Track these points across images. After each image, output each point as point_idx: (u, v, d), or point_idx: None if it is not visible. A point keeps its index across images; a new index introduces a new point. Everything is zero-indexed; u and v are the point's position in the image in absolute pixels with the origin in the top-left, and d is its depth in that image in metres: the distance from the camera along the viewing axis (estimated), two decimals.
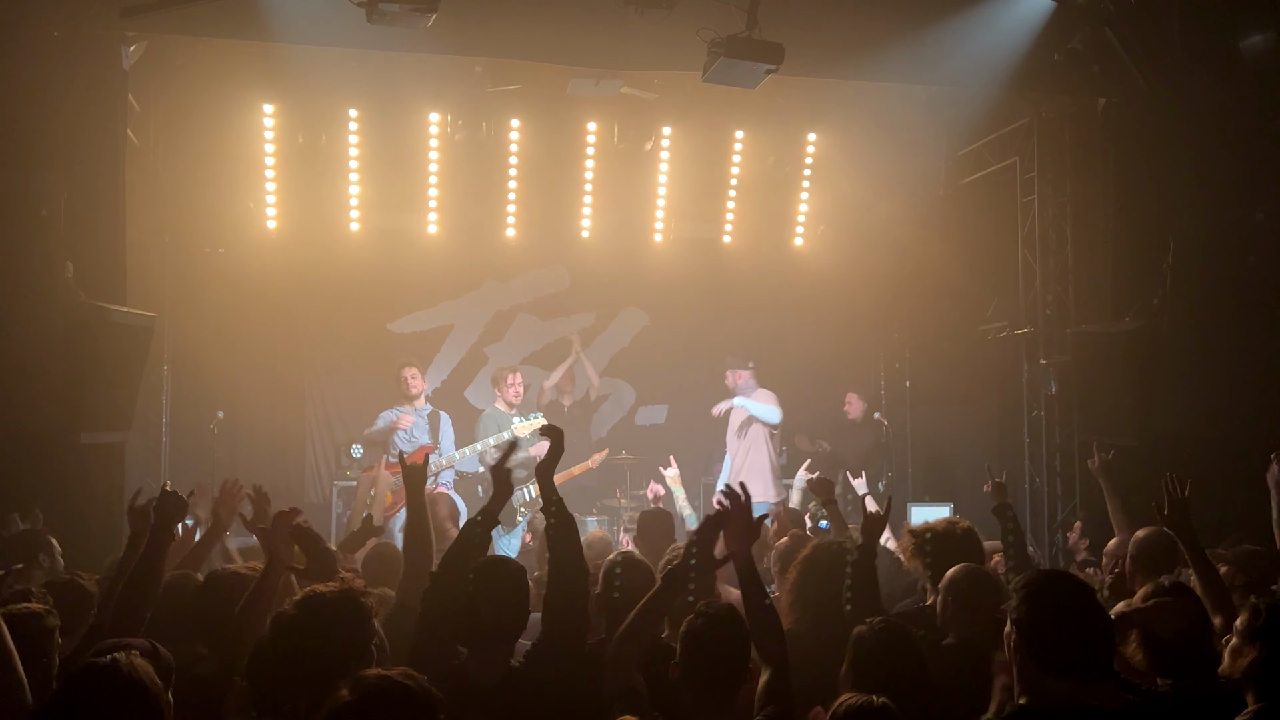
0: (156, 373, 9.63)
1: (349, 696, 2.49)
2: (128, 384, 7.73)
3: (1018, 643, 3.01)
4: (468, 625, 3.56)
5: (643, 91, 10.10)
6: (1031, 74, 8.72)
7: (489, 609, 3.57)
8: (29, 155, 7.07)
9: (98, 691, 2.71)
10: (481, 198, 10.99)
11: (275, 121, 10.11)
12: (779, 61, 7.44)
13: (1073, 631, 2.96)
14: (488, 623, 3.56)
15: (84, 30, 7.35)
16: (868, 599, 4.30)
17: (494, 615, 3.57)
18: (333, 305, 11.18)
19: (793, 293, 11.82)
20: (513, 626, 3.66)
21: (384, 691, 2.50)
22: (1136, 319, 8.64)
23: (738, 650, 3.39)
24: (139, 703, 2.72)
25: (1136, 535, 5.13)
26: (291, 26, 7.65)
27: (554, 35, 8.24)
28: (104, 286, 7.41)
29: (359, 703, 2.47)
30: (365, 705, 2.47)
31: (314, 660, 3.00)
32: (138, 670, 2.76)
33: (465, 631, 3.58)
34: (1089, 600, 3.06)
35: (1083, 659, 2.95)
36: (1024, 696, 2.98)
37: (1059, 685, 2.93)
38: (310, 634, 3.07)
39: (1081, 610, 3.01)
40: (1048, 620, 2.96)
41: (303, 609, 3.14)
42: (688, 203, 11.51)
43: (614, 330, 12.23)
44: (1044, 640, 2.95)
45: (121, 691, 2.71)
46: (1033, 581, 3.10)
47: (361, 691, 2.49)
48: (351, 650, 3.08)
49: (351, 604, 3.17)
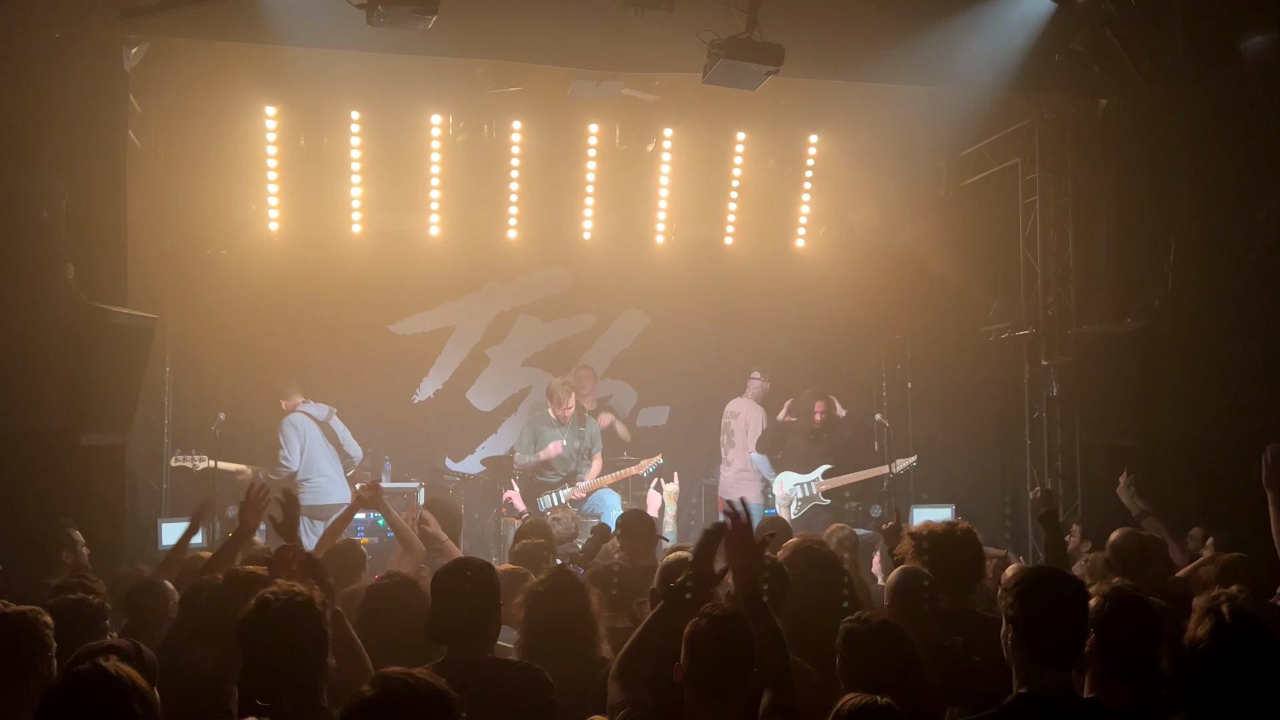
0: (158, 374, 9.65)
1: (371, 693, 2.52)
2: (129, 385, 7.73)
3: (1013, 637, 3.17)
4: (440, 623, 3.74)
5: (644, 93, 10.10)
6: (1032, 75, 8.71)
7: (456, 606, 3.73)
8: (30, 157, 7.07)
9: (83, 697, 2.74)
10: (483, 199, 10.99)
11: (277, 123, 10.12)
12: (779, 63, 7.44)
13: (1064, 624, 3.13)
14: (457, 620, 3.72)
15: (85, 32, 7.34)
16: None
17: (462, 613, 3.73)
18: (334, 307, 11.18)
19: (794, 294, 11.81)
20: (484, 623, 3.80)
21: (408, 688, 2.53)
22: (1138, 320, 8.64)
23: (742, 653, 3.36)
24: (124, 705, 2.74)
25: (1111, 537, 5.36)
26: (292, 29, 7.65)
27: (554, 37, 8.24)
28: (105, 288, 7.40)
29: (383, 699, 2.50)
30: (389, 702, 2.49)
31: (279, 662, 3.25)
32: (120, 673, 2.78)
33: (437, 629, 3.77)
34: (1080, 595, 3.22)
35: (1075, 651, 3.15)
36: (1023, 687, 3.13)
37: (1055, 676, 3.10)
38: (269, 638, 3.30)
39: (1072, 604, 3.17)
40: (1040, 615, 3.12)
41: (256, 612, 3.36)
42: (689, 204, 11.51)
43: (615, 332, 12.22)
44: (1037, 634, 3.11)
45: (106, 695, 2.73)
46: (1025, 579, 3.25)
47: (385, 689, 2.52)
48: (312, 653, 3.32)
49: (304, 609, 3.36)
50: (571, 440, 10.11)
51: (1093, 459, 9.56)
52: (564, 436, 10.04)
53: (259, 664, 3.30)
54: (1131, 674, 3.31)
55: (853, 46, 8.41)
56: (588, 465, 10.19)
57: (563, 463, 10.07)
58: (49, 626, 3.78)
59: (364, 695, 2.52)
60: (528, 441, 10.16)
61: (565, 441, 10.01)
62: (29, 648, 3.67)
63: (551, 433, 10.11)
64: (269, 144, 10.18)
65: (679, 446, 11.63)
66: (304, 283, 10.93)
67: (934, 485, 11.40)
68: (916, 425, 12.04)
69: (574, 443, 10.13)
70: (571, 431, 10.14)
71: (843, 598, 4.55)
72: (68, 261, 7.07)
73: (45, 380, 6.86)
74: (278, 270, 10.71)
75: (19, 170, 7.02)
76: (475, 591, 3.82)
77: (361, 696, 2.52)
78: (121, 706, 2.73)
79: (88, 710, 2.71)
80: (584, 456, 10.21)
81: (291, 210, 10.61)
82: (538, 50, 8.53)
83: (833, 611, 4.23)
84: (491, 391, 11.82)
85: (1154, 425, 8.40)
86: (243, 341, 10.61)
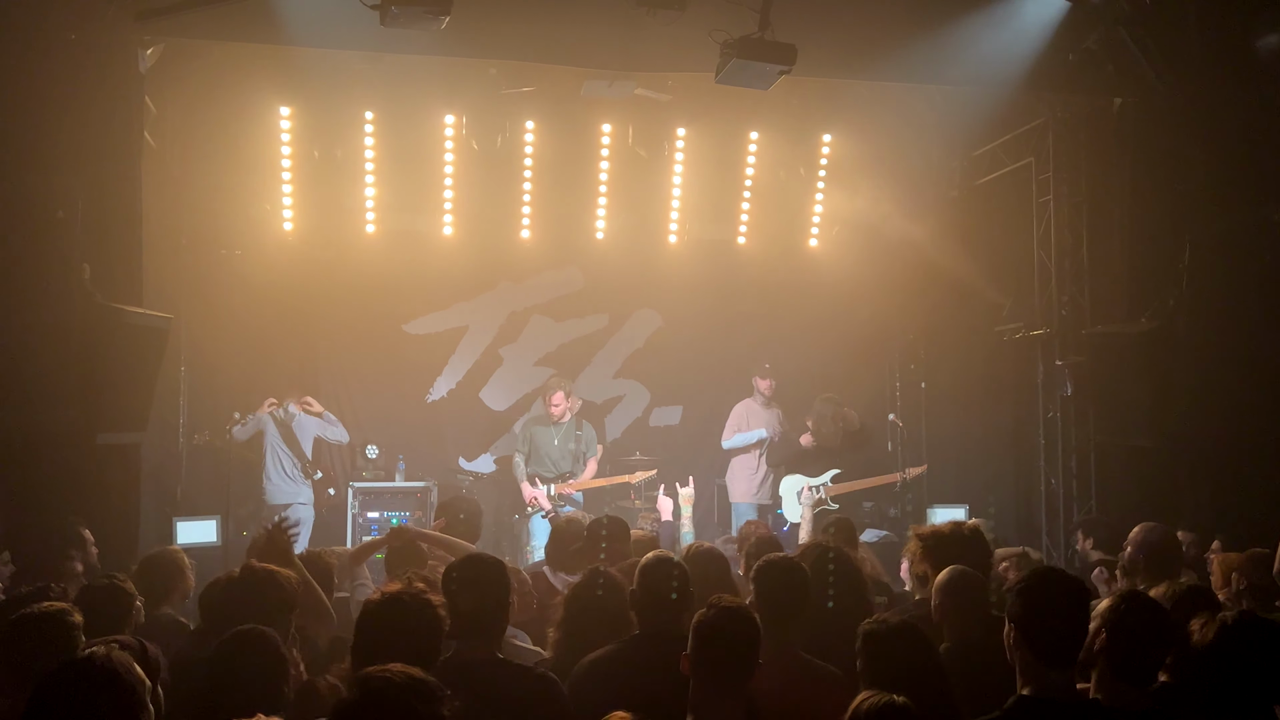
0: (173, 374, 9.69)
1: (352, 695, 2.52)
2: (144, 385, 7.77)
3: (1016, 638, 3.18)
4: (451, 619, 3.71)
5: (657, 93, 10.10)
6: (1046, 74, 8.70)
7: (465, 602, 3.74)
8: (46, 158, 7.12)
9: (74, 684, 2.73)
10: (496, 199, 11.00)
11: (291, 124, 10.15)
12: (791, 62, 7.44)
13: (1066, 624, 3.14)
14: (467, 616, 3.71)
15: (101, 34, 7.40)
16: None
17: (470, 608, 3.73)
18: (348, 307, 11.20)
19: (807, 294, 11.78)
20: (491, 620, 3.80)
21: (387, 684, 2.53)
22: (1152, 320, 8.60)
23: (747, 644, 3.40)
24: (116, 692, 2.73)
25: (1139, 534, 5.24)
26: (306, 30, 7.69)
27: (567, 37, 8.27)
28: (120, 288, 7.45)
29: (363, 698, 2.51)
30: (368, 700, 2.50)
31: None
32: (114, 662, 2.77)
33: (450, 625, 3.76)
34: (1081, 595, 3.23)
35: (1077, 650, 3.16)
36: (1026, 687, 3.15)
37: (1057, 676, 3.12)
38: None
39: (1074, 604, 3.19)
40: (1042, 615, 3.14)
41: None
42: (702, 204, 11.49)
43: (628, 332, 12.22)
44: (1039, 634, 3.13)
45: (99, 683, 2.72)
46: (1027, 579, 3.28)
47: (364, 688, 2.52)
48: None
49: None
50: (565, 441, 10.25)
51: (1107, 459, 9.54)
52: (556, 435, 10.23)
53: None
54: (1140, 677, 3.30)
55: (865, 46, 8.40)
56: (582, 467, 10.32)
57: (554, 462, 10.22)
58: (78, 626, 3.81)
59: (346, 700, 2.54)
60: (522, 440, 10.47)
61: (557, 440, 10.20)
62: (64, 643, 3.66)
63: (543, 431, 10.30)
64: (283, 144, 10.21)
65: (692, 446, 11.62)
66: (318, 283, 10.96)
67: (947, 486, 11.36)
68: (930, 425, 12.00)
69: (567, 444, 10.25)
70: (564, 432, 10.29)
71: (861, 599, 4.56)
72: (83, 261, 7.13)
73: (60, 379, 6.91)
74: (292, 270, 10.74)
75: (35, 170, 7.07)
76: (485, 588, 3.83)
77: (344, 701, 2.54)
78: (113, 695, 2.73)
79: (78, 697, 2.70)
80: (578, 459, 10.34)
81: (305, 210, 10.64)
82: (551, 50, 8.54)
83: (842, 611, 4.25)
84: (505, 391, 11.84)
85: (1168, 425, 8.37)
86: (257, 341, 10.64)
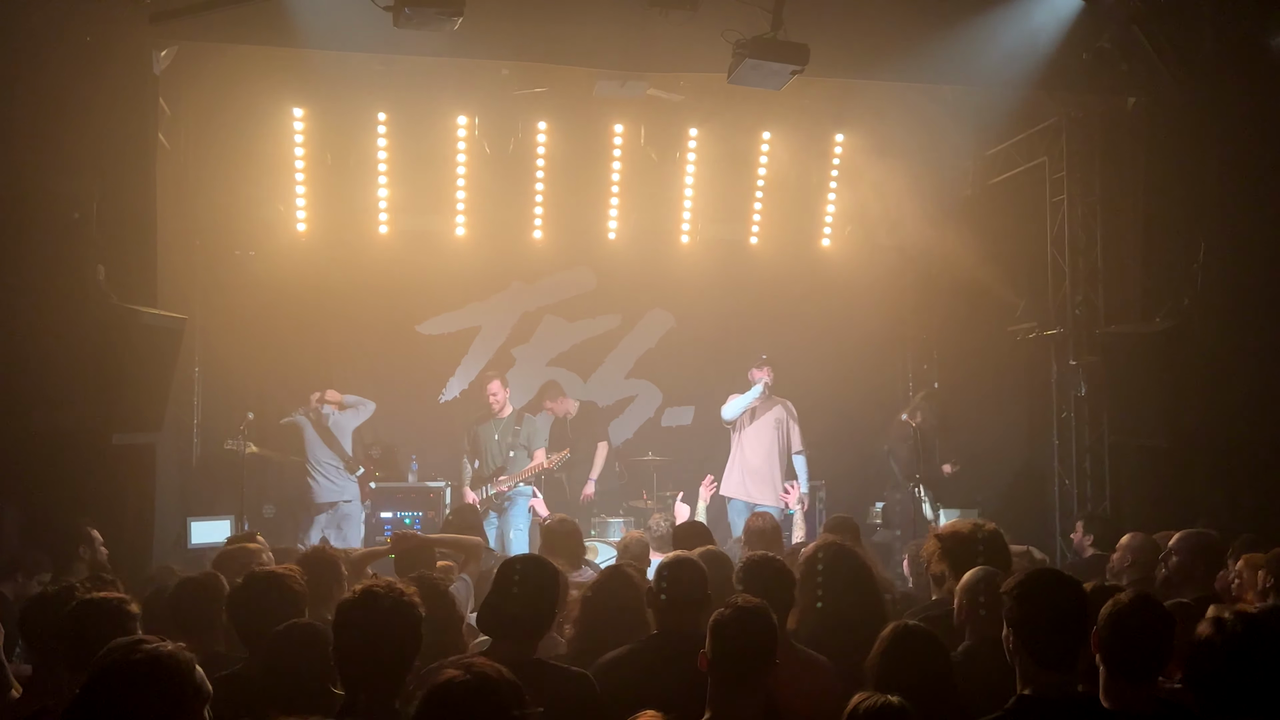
0: (187, 374, 9.74)
1: (462, 676, 2.66)
2: (159, 385, 7.79)
3: (1014, 640, 3.23)
4: (492, 618, 3.77)
5: (669, 93, 10.10)
6: (1060, 73, 8.67)
7: (514, 603, 3.75)
8: (61, 159, 7.15)
9: (127, 675, 2.68)
10: (508, 200, 11.02)
11: (305, 125, 10.19)
12: (804, 62, 7.43)
13: (1064, 626, 3.18)
14: (509, 617, 3.73)
15: (115, 36, 7.41)
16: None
17: (516, 611, 3.74)
18: (361, 307, 11.24)
19: (820, 294, 11.77)
20: (537, 623, 3.79)
21: (495, 674, 2.70)
22: (1166, 320, 8.57)
23: (764, 641, 3.42)
24: (168, 683, 2.69)
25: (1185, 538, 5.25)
26: (319, 31, 7.71)
27: (579, 38, 8.28)
28: (135, 289, 7.46)
29: (470, 682, 2.66)
30: (472, 684, 2.65)
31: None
32: (162, 654, 2.73)
33: (488, 621, 3.81)
34: (1078, 596, 3.26)
35: (1076, 651, 3.19)
36: (1025, 689, 3.19)
37: (1056, 677, 3.15)
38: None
39: (1071, 606, 3.22)
40: (1038, 617, 3.18)
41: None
42: (714, 204, 11.50)
43: (640, 332, 12.24)
44: (1037, 635, 3.17)
45: (150, 674, 2.68)
46: (1024, 582, 3.31)
47: (470, 672, 2.68)
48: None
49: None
50: (505, 435, 10.21)
51: (1121, 459, 9.51)
52: (495, 430, 10.22)
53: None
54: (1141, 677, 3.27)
55: (878, 45, 8.39)
56: (525, 461, 10.14)
57: (491, 458, 10.19)
58: (135, 616, 3.83)
59: (453, 677, 2.66)
60: (467, 441, 10.50)
61: (497, 435, 10.18)
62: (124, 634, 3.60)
63: (484, 429, 10.32)
64: (296, 146, 10.24)
65: (704, 446, 11.63)
66: (331, 283, 10.99)
67: (960, 486, 11.32)
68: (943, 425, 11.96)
69: (506, 438, 10.20)
70: (503, 427, 10.23)
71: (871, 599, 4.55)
72: (98, 262, 7.16)
73: (76, 380, 6.94)
74: (305, 271, 10.77)
75: (50, 172, 7.10)
76: (543, 591, 3.83)
77: (450, 678, 2.66)
78: (171, 688, 2.69)
79: (130, 688, 2.66)
80: (519, 454, 10.16)
81: (319, 211, 10.67)
82: (563, 51, 8.55)
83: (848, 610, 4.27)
84: (517, 391, 11.81)
85: (1182, 425, 8.34)
86: (271, 341, 10.68)
